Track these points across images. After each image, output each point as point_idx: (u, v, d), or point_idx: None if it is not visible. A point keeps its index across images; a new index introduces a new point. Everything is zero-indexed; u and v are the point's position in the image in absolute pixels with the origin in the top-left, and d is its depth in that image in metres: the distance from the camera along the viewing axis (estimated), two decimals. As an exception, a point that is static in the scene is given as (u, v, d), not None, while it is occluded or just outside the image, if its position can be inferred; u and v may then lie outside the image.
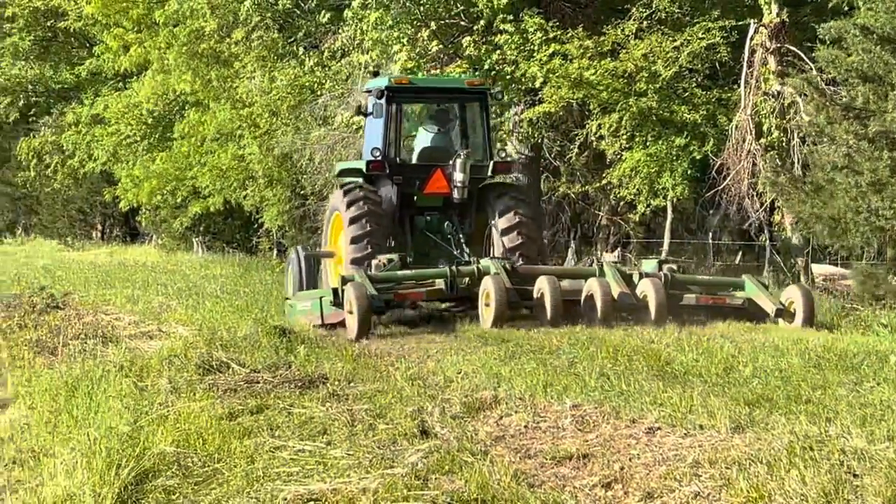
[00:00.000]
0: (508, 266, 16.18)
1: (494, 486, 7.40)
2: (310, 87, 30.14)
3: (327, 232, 19.31)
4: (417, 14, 24.76)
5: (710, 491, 7.18)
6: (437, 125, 19.41)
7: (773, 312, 15.73)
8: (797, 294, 15.95)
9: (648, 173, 23.26)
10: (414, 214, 18.89)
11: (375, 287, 15.56)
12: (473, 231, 18.75)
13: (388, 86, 18.57)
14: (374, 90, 18.85)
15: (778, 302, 15.93)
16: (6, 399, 12.11)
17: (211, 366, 11.81)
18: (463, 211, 18.76)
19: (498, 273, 15.76)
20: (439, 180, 18.42)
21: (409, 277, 16.43)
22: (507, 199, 18.41)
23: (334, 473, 7.85)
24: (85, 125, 45.85)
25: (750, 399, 9.55)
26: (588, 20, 25.26)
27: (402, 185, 18.53)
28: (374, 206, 17.91)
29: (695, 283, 17.01)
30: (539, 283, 15.58)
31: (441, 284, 16.16)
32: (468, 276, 16.22)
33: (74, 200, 52.86)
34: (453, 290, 16.19)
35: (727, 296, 16.57)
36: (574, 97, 23.39)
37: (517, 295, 15.66)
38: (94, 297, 21.01)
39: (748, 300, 16.23)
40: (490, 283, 15.40)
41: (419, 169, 18.76)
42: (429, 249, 18.47)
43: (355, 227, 17.59)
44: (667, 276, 16.12)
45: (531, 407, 9.60)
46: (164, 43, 37.79)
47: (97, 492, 7.45)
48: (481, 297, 15.57)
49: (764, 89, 21.51)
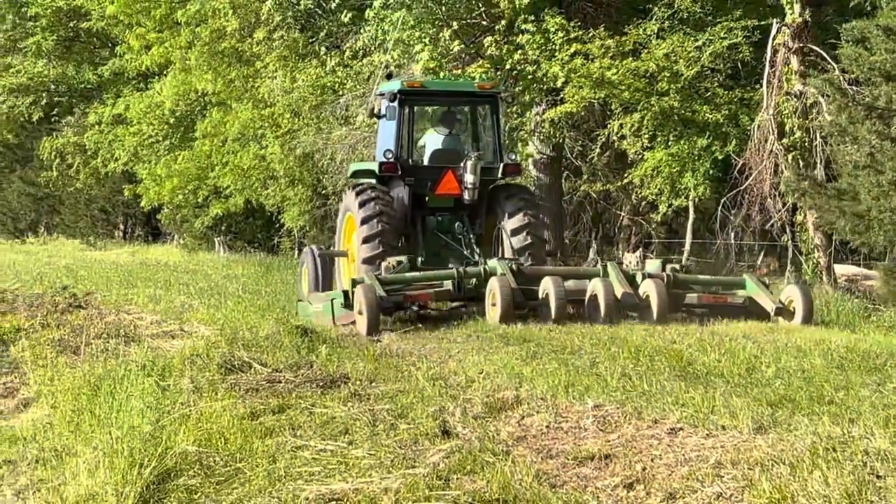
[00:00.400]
0: (514, 267, 16.46)
1: (516, 487, 7.40)
2: (331, 88, 30.17)
3: (340, 232, 19.66)
4: (439, 14, 24.77)
5: (732, 492, 7.16)
6: (448, 128, 19.73)
7: (773, 311, 16.01)
8: (796, 293, 16.23)
9: (670, 173, 23.23)
10: (425, 215, 19.16)
11: (385, 289, 15.87)
12: (483, 231, 19.13)
13: (400, 89, 18.87)
14: (387, 93, 19.07)
15: (777, 301, 16.19)
16: (29, 398, 12.14)
17: (233, 365, 11.82)
18: (473, 212, 19.09)
19: (504, 274, 16.09)
20: (450, 182, 18.73)
21: (418, 279, 16.71)
22: (516, 201, 18.70)
23: (356, 473, 7.86)
24: (107, 125, 45.97)
25: (772, 400, 9.52)
26: (610, 20, 25.24)
27: (413, 186, 18.84)
28: (386, 207, 18.20)
29: (697, 282, 17.25)
30: (544, 283, 15.85)
31: (449, 285, 16.49)
32: (475, 276, 16.56)
33: (97, 200, 52.97)
34: (461, 290, 16.55)
35: (728, 295, 16.86)
36: (596, 97, 23.37)
37: (522, 295, 15.89)
38: (117, 296, 21.06)
39: (748, 299, 16.52)
40: (496, 284, 15.69)
41: (431, 170, 19.03)
42: (440, 249, 18.85)
43: (367, 226, 17.90)
44: (669, 277, 16.44)
45: (553, 407, 9.59)
46: (185, 42, 37.89)
47: (119, 491, 7.47)
48: (488, 297, 15.86)
49: (786, 89, 21.43)
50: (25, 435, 10.06)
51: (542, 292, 15.86)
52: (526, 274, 16.46)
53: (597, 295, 15.63)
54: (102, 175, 48.32)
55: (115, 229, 54.81)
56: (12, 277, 25.47)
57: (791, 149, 21.30)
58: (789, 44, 21.39)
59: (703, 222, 25.76)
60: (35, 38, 51.20)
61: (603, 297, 15.50)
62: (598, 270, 16.72)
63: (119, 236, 53.90)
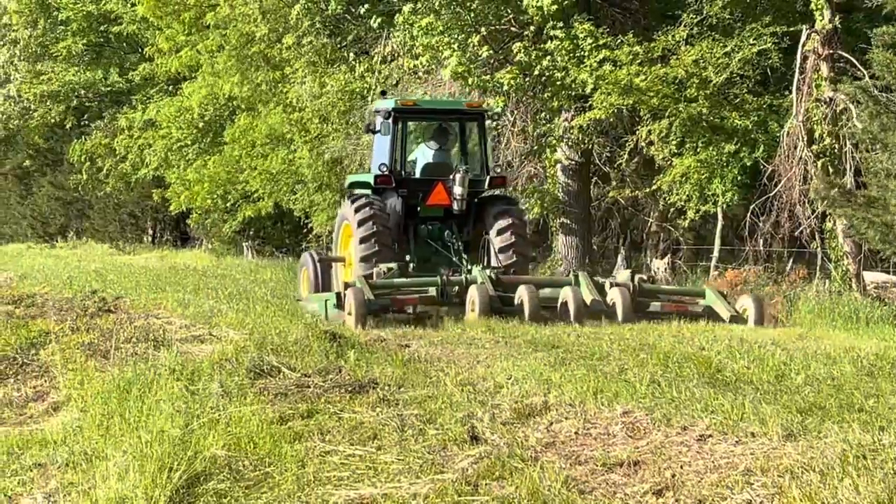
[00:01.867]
0: (493, 276, 18.31)
1: (545, 493, 7.40)
2: (360, 93, 30.22)
3: (337, 239, 21.38)
4: (468, 20, 24.79)
5: (762, 499, 7.14)
6: (438, 143, 21.23)
7: (728, 318, 17.57)
8: (749, 302, 17.94)
9: (699, 180, 23.19)
10: (417, 224, 20.71)
11: (374, 293, 17.56)
12: (471, 239, 20.68)
13: (395, 107, 20.47)
14: (382, 110, 20.64)
15: (732, 309, 17.86)
16: (59, 402, 12.19)
17: (262, 370, 11.85)
18: (461, 221, 20.67)
19: (483, 283, 17.89)
20: (440, 193, 20.34)
21: (405, 285, 18.43)
22: (504, 218, 20.24)
23: (384, 478, 7.88)
24: (137, 130, 46.16)
25: (802, 407, 9.50)
26: (638, 26, 25.22)
27: (406, 197, 20.42)
28: (382, 217, 19.81)
29: (661, 292, 19.28)
30: (519, 291, 17.66)
31: (433, 292, 18.17)
32: (458, 284, 18.27)
33: (126, 205, 53.14)
34: (444, 297, 18.26)
35: (689, 303, 18.69)
36: (624, 104, 23.35)
37: (499, 301, 17.71)
38: (146, 300, 21.10)
39: (707, 307, 18.20)
40: (475, 292, 17.54)
41: (422, 182, 20.65)
42: (430, 255, 20.35)
43: (363, 228, 19.53)
44: (635, 286, 18.35)
45: (581, 413, 9.58)
46: (214, 46, 38.03)
47: (149, 495, 7.49)
48: (468, 303, 17.62)
49: (816, 95, 21.36)
50: (55, 438, 10.09)
51: (517, 299, 17.60)
52: (504, 282, 18.32)
53: (567, 301, 17.38)
54: (132, 180, 48.50)
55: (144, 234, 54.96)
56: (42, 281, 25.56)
57: (820, 156, 21.22)
58: (819, 50, 21.31)
59: (732, 229, 25.69)
60: (65, 43, 51.45)
61: (572, 303, 17.22)
62: (570, 280, 18.69)
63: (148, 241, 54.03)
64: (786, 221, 22.21)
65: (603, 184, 28.59)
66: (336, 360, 12.62)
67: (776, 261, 24.21)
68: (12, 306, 20.42)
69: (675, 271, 24.80)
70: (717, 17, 23.34)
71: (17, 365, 14.34)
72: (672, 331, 16.13)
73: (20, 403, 12.49)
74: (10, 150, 61.90)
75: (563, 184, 27.02)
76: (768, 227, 22.92)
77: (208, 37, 39.01)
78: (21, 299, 21.41)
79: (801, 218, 21.88)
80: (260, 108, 36.46)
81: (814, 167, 21.14)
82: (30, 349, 15.20)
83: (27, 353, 14.92)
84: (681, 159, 23.48)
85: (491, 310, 17.26)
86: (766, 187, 22.36)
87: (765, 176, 22.31)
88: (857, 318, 18.18)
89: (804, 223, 21.92)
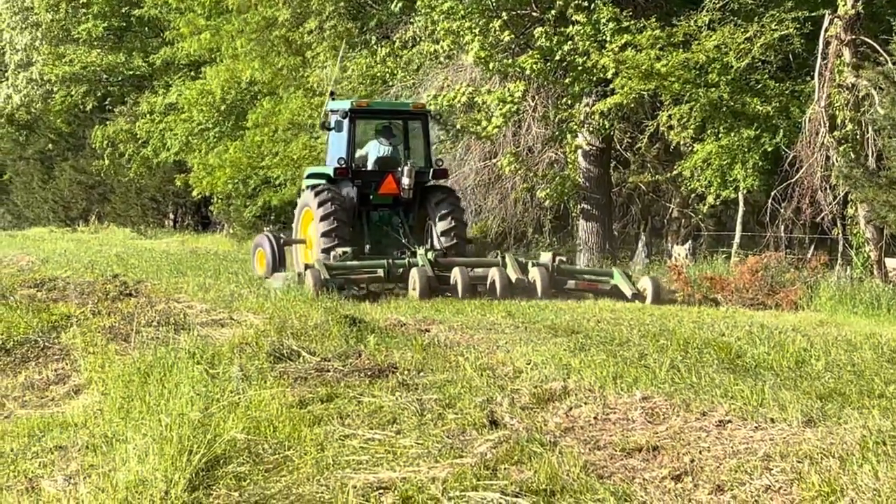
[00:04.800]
0: (432, 258, 20.89)
1: (564, 477, 7.40)
2: (381, 78, 30.20)
3: (298, 223, 23.91)
4: (489, 4, 24.76)
5: (781, 484, 7.14)
6: (387, 139, 23.81)
7: (630, 296, 19.92)
8: (647, 282, 20.32)
9: (720, 165, 23.12)
10: (370, 210, 23.33)
11: (330, 273, 19.91)
12: (416, 223, 23.28)
13: (350, 108, 23.11)
14: (338, 110, 23.40)
15: (634, 288, 20.20)
16: (80, 385, 12.23)
17: (282, 354, 11.87)
18: (408, 207, 23.32)
19: (423, 265, 20.42)
20: (390, 183, 23.02)
21: (357, 266, 20.81)
22: (445, 206, 22.97)
23: (403, 462, 7.89)
24: (159, 114, 46.20)
25: (822, 393, 9.48)
26: (660, 11, 25.13)
27: (360, 186, 23.00)
28: (340, 205, 22.28)
29: (575, 272, 21.73)
30: (454, 272, 20.25)
31: (381, 272, 20.61)
32: (402, 266, 20.68)
33: (147, 189, 53.14)
34: (390, 276, 20.69)
35: (599, 282, 21.10)
36: (645, 88, 23.29)
37: (437, 280, 20.28)
38: (167, 284, 21.13)
39: (614, 286, 20.53)
40: (416, 273, 20.07)
41: (374, 174, 23.27)
42: (381, 238, 23.00)
43: (325, 223, 22.03)
44: (554, 266, 20.74)
45: (601, 398, 9.58)
46: (235, 30, 38.02)
47: (169, 477, 7.51)
48: (410, 282, 20.13)
49: (838, 81, 21.26)
50: (76, 421, 10.14)
51: (452, 279, 20.19)
52: (441, 264, 20.87)
53: (494, 279, 19.92)
54: (154, 165, 48.55)
55: (166, 218, 55.02)
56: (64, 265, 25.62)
57: (842, 141, 21.14)
58: (841, 35, 21.21)
59: (753, 215, 25.62)
60: (86, 26, 51.51)
61: (498, 281, 19.84)
62: (498, 261, 21.00)
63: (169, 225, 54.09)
64: (807, 207, 22.13)
65: (623, 169, 28.54)
66: (356, 345, 12.64)
67: (797, 247, 24.14)
68: (34, 290, 20.48)
69: (695, 257, 24.73)
70: (740, 3, 23.26)
71: (38, 348, 14.41)
72: (692, 316, 16.15)
73: (41, 386, 12.54)
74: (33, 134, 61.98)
75: (583, 169, 26.98)
76: (789, 213, 22.85)
77: (229, 20, 38.98)
78: (43, 283, 21.46)
79: (822, 204, 21.80)
80: (281, 92, 36.43)
81: (835, 153, 21.06)
82: (51, 332, 15.26)
83: (49, 336, 14.98)
84: (702, 145, 23.42)
85: (430, 289, 19.84)
86: (787, 173, 22.29)
87: (786, 162, 22.24)
88: (878, 304, 18.12)
89: (826, 209, 21.83)
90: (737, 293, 19.97)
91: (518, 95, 25.04)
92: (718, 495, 7.17)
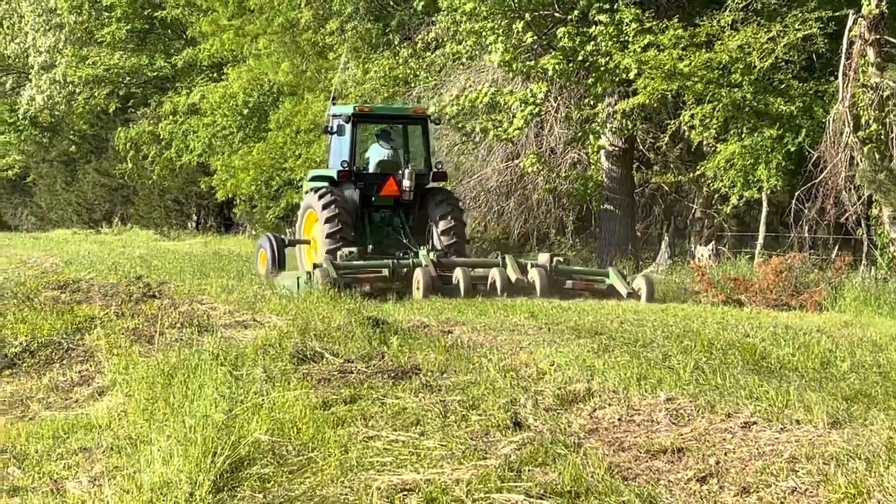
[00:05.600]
0: (435, 259, 21.37)
1: (588, 479, 7.38)
2: (403, 79, 30.22)
3: (301, 224, 24.51)
4: (511, 5, 24.75)
5: (807, 486, 7.10)
6: (389, 143, 24.45)
7: (626, 294, 20.33)
8: (642, 281, 20.64)
9: (743, 165, 23.07)
10: (371, 211, 23.89)
11: (337, 272, 20.34)
12: (416, 224, 23.80)
13: (353, 112, 23.66)
14: (341, 115, 23.93)
15: (630, 287, 20.57)
16: (104, 386, 12.25)
17: (305, 355, 11.87)
18: (408, 209, 23.89)
19: (426, 265, 20.91)
20: (392, 185, 23.52)
21: (363, 266, 21.28)
22: (445, 206, 23.49)
23: (427, 464, 7.87)
24: (182, 115, 46.32)
25: (848, 394, 9.44)
26: (683, 11, 25.09)
27: (363, 189, 23.52)
28: (344, 207, 22.88)
29: (573, 272, 21.90)
30: (456, 272, 20.72)
31: (386, 272, 20.96)
32: (406, 266, 21.11)
33: (170, 191, 53.35)
34: (394, 276, 20.97)
35: (595, 281, 21.51)
36: (668, 89, 23.24)
37: (440, 280, 20.71)
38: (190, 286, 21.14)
39: (610, 285, 21.00)
40: (419, 273, 20.54)
41: (376, 177, 23.81)
42: (383, 238, 23.56)
43: (330, 225, 22.61)
44: (552, 267, 21.16)
45: (625, 400, 9.54)
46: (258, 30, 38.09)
47: (193, 479, 7.51)
48: (414, 282, 20.58)
49: (862, 81, 21.20)
50: (100, 423, 10.15)
51: (454, 279, 20.64)
52: (443, 264, 21.32)
53: (495, 279, 20.41)
54: (176, 167, 48.69)
55: (188, 220, 55.21)
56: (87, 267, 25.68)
57: (867, 141, 21.07)
58: (865, 35, 21.15)
59: (777, 215, 25.55)
60: (109, 29, 51.69)
61: (499, 281, 20.29)
62: (498, 262, 21.49)
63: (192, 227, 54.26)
64: (831, 208, 22.07)
65: (646, 170, 28.49)
66: (379, 346, 12.62)
67: (821, 247, 24.07)
68: (58, 291, 20.53)
69: (719, 258, 24.67)
70: (763, 3, 23.21)
71: (62, 350, 14.44)
72: (716, 317, 16.10)
73: (66, 388, 12.58)
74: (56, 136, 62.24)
75: (606, 170, 26.96)
76: (813, 214, 22.78)
77: (251, 21, 39.08)
78: (67, 285, 21.51)
79: (846, 204, 21.74)
80: (305, 94, 36.49)
81: (860, 153, 20.98)
82: (75, 334, 15.29)
83: (73, 338, 15.01)
84: (725, 145, 23.38)
85: (433, 288, 20.29)
86: (811, 174, 22.23)
87: (810, 162, 22.18)
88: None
89: (850, 210, 21.77)
90: (761, 294, 19.90)
91: (540, 97, 25.04)
92: (744, 497, 7.14)
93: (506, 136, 25.75)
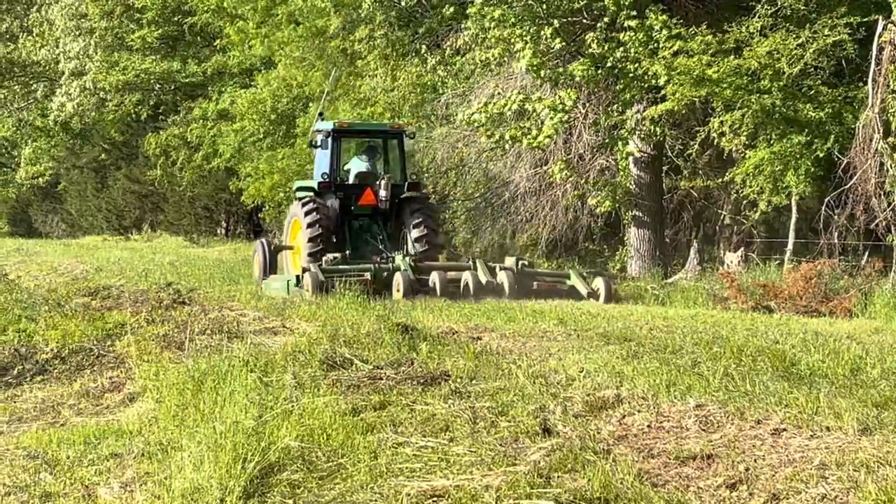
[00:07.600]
0: (413, 263, 22.72)
1: (617, 486, 7.38)
2: (432, 86, 30.24)
3: (287, 231, 26.11)
4: (540, 11, 24.75)
5: (837, 493, 7.09)
6: (367, 155, 26.29)
7: (586, 295, 21.72)
8: (601, 282, 22.08)
9: (772, 171, 22.99)
10: (351, 219, 25.47)
11: (324, 275, 21.62)
12: (392, 231, 25.42)
13: (334, 128, 25.51)
14: (323, 130, 25.65)
15: (589, 287, 21.95)
16: (134, 392, 12.31)
17: (334, 362, 11.90)
18: (385, 217, 25.55)
19: (405, 270, 22.26)
20: (369, 195, 25.30)
21: (347, 270, 22.54)
22: (418, 215, 25.06)
23: (457, 470, 7.88)
24: (211, 120, 46.46)
25: (878, 401, 9.41)
26: (712, 17, 25.04)
27: (342, 198, 25.18)
28: (325, 215, 24.45)
29: (537, 274, 23.50)
30: (432, 275, 22.14)
31: (368, 276, 22.22)
32: (386, 270, 22.55)
33: (200, 198, 53.51)
34: (376, 279, 22.16)
35: (558, 282, 22.88)
36: (697, 95, 23.19)
37: (418, 283, 21.96)
38: (220, 293, 21.28)
39: (571, 286, 22.34)
40: (399, 277, 21.87)
41: (355, 187, 25.54)
42: (361, 245, 25.11)
43: (311, 230, 24.18)
44: (518, 270, 22.56)
45: (654, 406, 9.54)
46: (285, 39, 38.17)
47: (224, 485, 7.55)
48: (394, 285, 21.84)
49: (892, 87, 21.11)
50: (131, 429, 10.21)
51: (431, 282, 21.99)
52: (421, 268, 22.71)
53: (467, 282, 21.79)
54: (206, 172, 48.82)
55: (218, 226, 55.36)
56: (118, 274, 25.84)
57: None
58: (895, 41, 21.07)
59: (806, 222, 25.46)
60: (140, 33, 51.89)
61: (472, 283, 21.70)
62: (470, 265, 22.83)
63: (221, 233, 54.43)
64: (861, 214, 21.99)
65: (675, 176, 28.43)
66: (408, 353, 12.65)
67: (851, 254, 23.97)
68: (89, 298, 20.65)
69: (748, 264, 24.59)
70: (792, 8, 23.13)
71: (93, 356, 14.53)
72: (745, 324, 16.07)
73: (97, 394, 12.65)
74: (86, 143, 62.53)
75: (635, 176, 26.92)
76: (843, 220, 22.69)
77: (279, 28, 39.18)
78: (97, 291, 21.64)
79: (876, 210, 21.64)
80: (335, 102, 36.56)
81: (890, 159, 20.90)
82: (106, 340, 15.39)
83: (103, 344, 15.11)
84: (754, 151, 23.30)
85: (412, 290, 21.45)
86: (840, 180, 22.15)
87: (840, 168, 22.10)
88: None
89: (880, 216, 21.67)
90: (790, 300, 19.85)
91: (569, 104, 25.04)
92: (774, 504, 7.13)
93: (536, 144, 25.73)
